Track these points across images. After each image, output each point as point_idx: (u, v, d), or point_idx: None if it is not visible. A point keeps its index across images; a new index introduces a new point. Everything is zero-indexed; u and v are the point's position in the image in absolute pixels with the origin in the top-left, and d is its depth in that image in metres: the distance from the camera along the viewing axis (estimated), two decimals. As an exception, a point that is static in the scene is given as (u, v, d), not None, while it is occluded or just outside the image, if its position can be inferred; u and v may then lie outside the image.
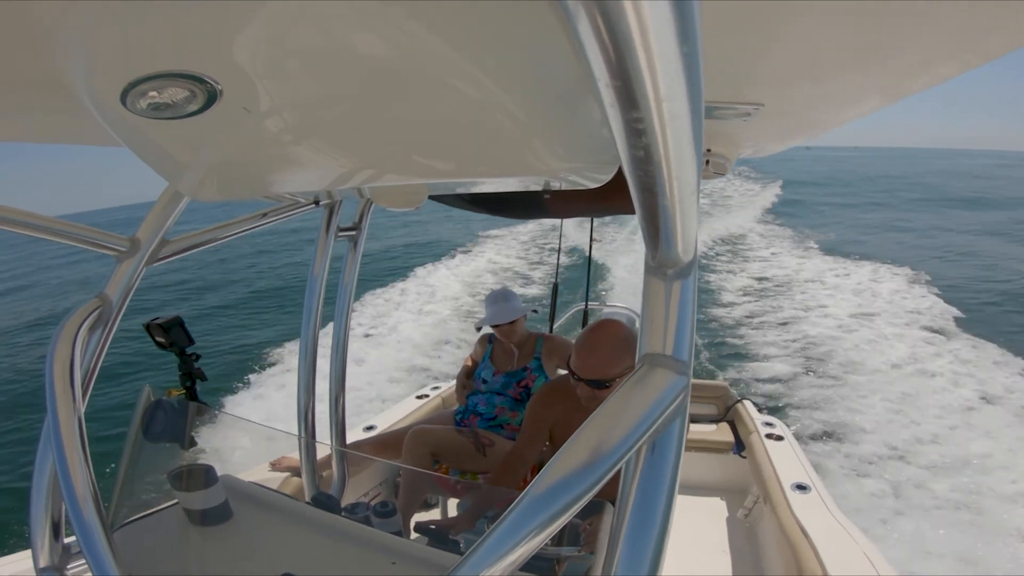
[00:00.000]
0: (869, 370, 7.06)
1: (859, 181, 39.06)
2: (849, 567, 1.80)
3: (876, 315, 9.17)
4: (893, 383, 6.63)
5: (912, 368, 7.11)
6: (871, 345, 7.86)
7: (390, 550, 1.16)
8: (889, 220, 20.45)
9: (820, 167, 49.97)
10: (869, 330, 8.47)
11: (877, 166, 59.80)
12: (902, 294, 10.34)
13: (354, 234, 1.80)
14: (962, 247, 15.40)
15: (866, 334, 8.28)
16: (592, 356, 1.60)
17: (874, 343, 7.93)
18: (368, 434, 2.84)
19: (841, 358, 7.46)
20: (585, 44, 0.25)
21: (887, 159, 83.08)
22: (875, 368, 7.12)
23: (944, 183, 37.11)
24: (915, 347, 7.74)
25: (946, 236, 17.29)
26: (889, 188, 33.44)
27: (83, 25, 0.39)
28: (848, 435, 5.53)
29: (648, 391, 0.49)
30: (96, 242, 1.19)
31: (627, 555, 0.48)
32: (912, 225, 19.35)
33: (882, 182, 37.57)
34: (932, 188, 33.44)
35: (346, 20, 0.36)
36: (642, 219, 0.45)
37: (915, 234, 17.56)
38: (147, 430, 1.34)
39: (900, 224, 19.60)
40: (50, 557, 1.03)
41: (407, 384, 6.83)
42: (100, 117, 0.48)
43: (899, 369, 7.07)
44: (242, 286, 14.86)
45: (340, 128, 0.47)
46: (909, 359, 7.36)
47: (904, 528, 4.03)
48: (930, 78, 0.68)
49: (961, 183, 37.35)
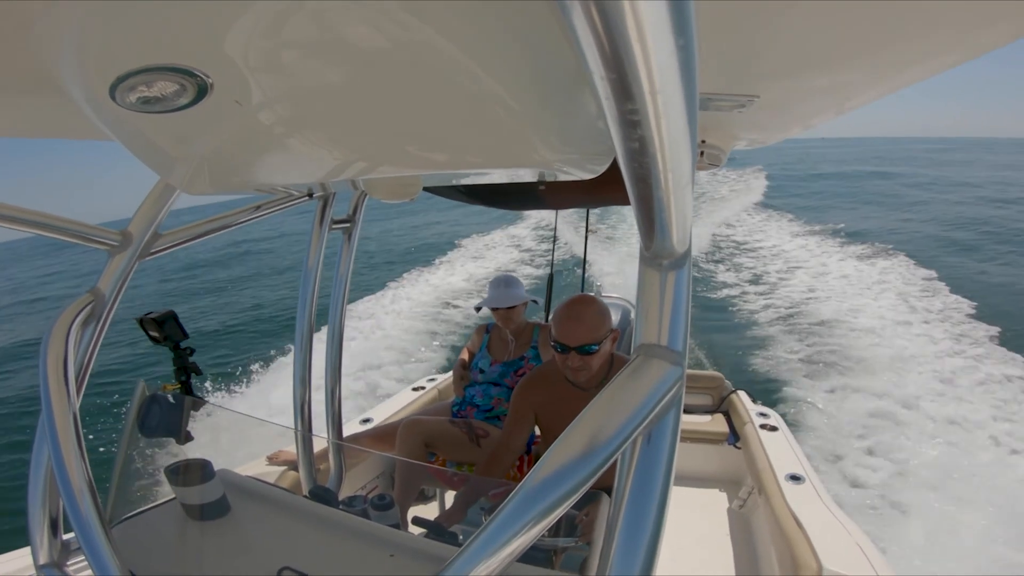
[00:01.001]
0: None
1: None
2: (842, 558, 1.82)
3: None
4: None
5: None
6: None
7: (388, 543, 1.17)
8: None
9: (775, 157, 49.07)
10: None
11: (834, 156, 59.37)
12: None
13: (348, 226, 1.79)
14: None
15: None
16: (579, 324, 1.72)
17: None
18: (365, 427, 2.84)
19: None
20: (580, 37, 0.25)
21: (848, 148, 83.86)
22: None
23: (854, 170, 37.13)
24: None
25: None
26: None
27: (72, 19, 0.38)
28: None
29: (643, 382, 0.49)
30: (88, 236, 1.18)
31: (623, 546, 0.48)
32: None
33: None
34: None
35: (338, 11, 0.36)
36: (637, 210, 0.45)
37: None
38: (143, 425, 1.34)
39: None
40: (49, 554, 1.03)
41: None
42: (90, 111, 0.47)
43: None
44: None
45: (333, 120, 0.46)
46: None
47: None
48: (922, 70, 0.68)
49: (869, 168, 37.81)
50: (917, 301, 8.79)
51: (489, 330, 2.80)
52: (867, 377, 6.29)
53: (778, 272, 11.18)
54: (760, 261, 12.25)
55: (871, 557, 1.83)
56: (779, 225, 16.11)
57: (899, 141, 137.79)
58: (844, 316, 8.29)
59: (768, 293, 9.98)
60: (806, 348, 7.35)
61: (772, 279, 10.76)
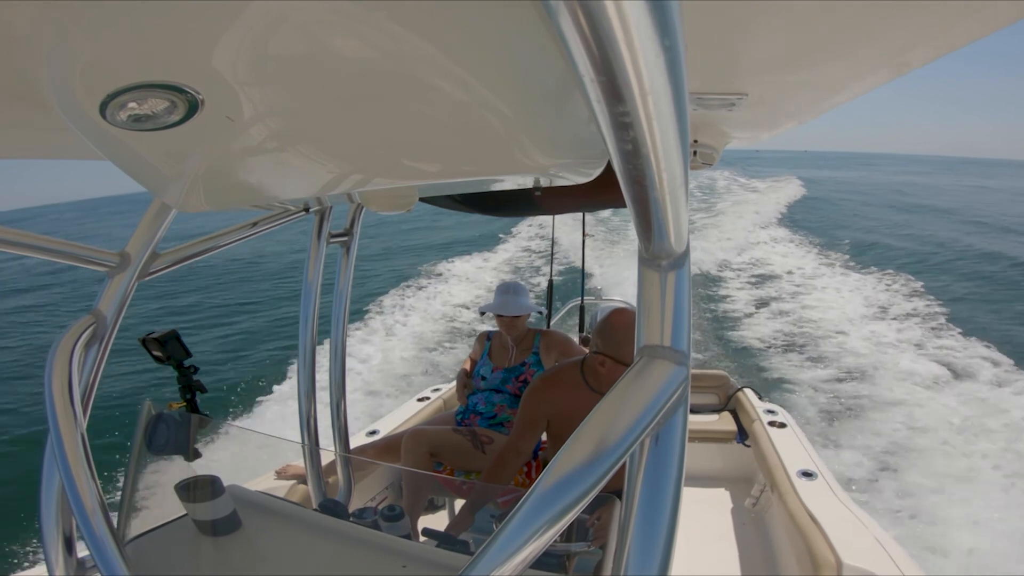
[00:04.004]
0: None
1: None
2: (861, 553, 1.80)
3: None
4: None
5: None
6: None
7: (400, 553, 1.16)
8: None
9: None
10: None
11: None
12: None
13: (346, 239, 1.79)
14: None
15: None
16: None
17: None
18: (371, 439, 2.84)
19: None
20: (568, 40, 0.25)
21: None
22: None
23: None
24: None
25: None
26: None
27: (59, 36, 0.38)
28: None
29: (648, 383, 0.49)
30: (85, 258, 1.18)
31: (637, 549, 0.47)
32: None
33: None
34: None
35: (327, 25, 0.36)
36: (633, 212, 0.45)
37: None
38: (150, 443, 1.34)
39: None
40: (65, 572, 1.03)
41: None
42: (80, 130, 0.47)
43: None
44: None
45: (326, 134, 0.46)
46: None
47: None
48: (906, 64, 0.69)
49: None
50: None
51: (490, 337, 2.81)
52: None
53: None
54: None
55: (891, 552, 1.81)
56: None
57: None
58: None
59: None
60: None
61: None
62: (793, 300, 9.96)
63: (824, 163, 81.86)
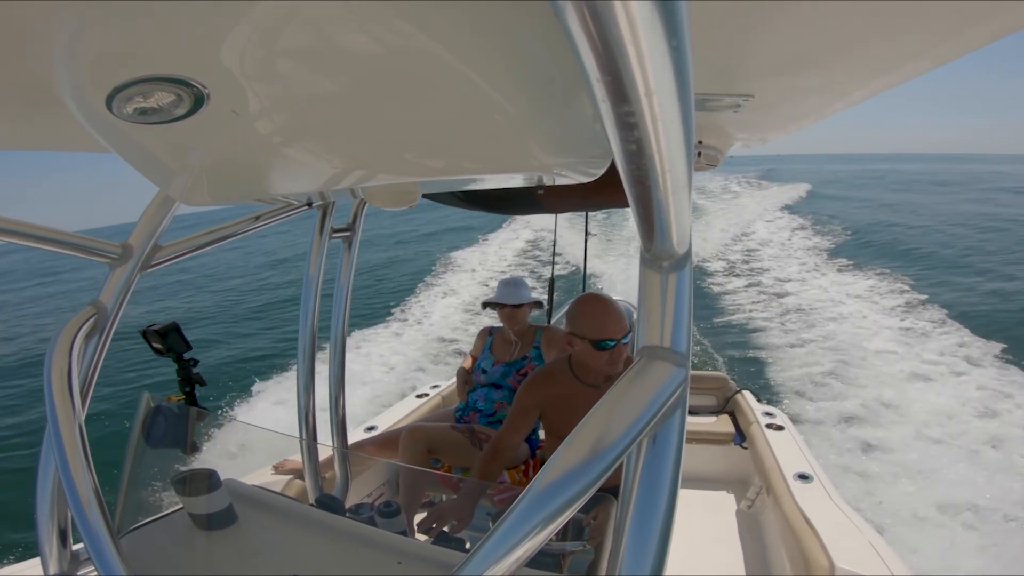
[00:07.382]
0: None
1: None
2: (855, 557, 1.80)
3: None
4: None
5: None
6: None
7: (395, 550, 1.16)
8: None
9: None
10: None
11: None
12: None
13: (348, 235, 1.79)
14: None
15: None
16: (618, 314, 1.81)
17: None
18: (369, 434, 2.84)
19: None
20: (575, 39, 0.25)
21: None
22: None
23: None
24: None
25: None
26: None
27: (67, 30, 0.38)
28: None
29: (647, 384, 0.49)
30: (88, 249, 1.18)
31: (632, 549, 0.47)
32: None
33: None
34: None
35: (334, 20, 0.36)
36: (636, 212, 0.45)
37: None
38: (148, 436, 1.34)
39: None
40: (59, 564, 1.03)
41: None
42: (86, 123, 0.47)
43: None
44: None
45: (330, 129, 0.46)
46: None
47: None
48: (914, 68, 0.69)
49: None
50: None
51: (492, 333, 2.82)
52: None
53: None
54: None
55: (884, 555, 1.81)
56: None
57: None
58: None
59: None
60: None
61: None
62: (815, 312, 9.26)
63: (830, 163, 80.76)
